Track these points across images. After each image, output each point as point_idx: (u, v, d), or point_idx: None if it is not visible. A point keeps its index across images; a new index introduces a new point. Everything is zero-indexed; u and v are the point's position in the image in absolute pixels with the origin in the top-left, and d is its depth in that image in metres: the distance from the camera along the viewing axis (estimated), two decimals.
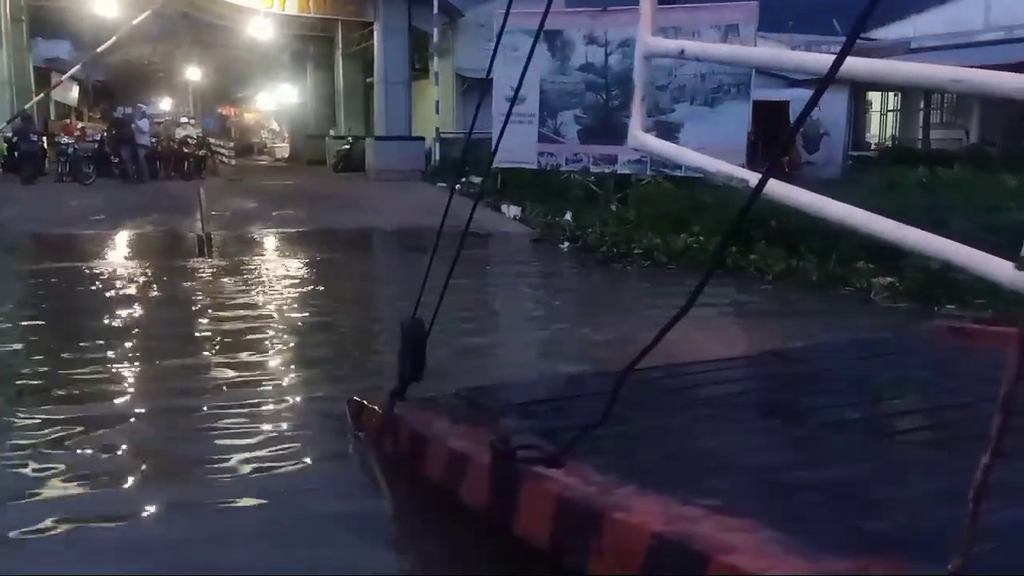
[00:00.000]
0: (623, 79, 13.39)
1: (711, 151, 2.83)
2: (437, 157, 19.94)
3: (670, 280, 9.35)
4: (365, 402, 4.12)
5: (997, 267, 1.46)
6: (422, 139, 20.35)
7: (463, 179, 15.93)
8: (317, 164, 25.92)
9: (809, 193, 1.90)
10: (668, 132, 12.54)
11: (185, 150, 20.90)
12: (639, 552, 2.38)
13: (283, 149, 32.93)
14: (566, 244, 11.84)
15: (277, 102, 35.16)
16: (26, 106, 18.15)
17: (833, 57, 1.70)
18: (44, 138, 18.97)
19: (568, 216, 12.99)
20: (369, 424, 3.99)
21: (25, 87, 20.39)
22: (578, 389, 4.22)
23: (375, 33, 21.16)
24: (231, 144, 29.32)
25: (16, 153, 17.90)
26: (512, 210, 14.63)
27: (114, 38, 11.99)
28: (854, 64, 1.70)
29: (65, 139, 18.98)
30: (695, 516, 2.45)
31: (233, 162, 26.72)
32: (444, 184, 17.58)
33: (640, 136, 2.42)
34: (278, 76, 32.95)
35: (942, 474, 2.75)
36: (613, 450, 3.09)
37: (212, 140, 25.94)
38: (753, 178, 1.96)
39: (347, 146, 23.20)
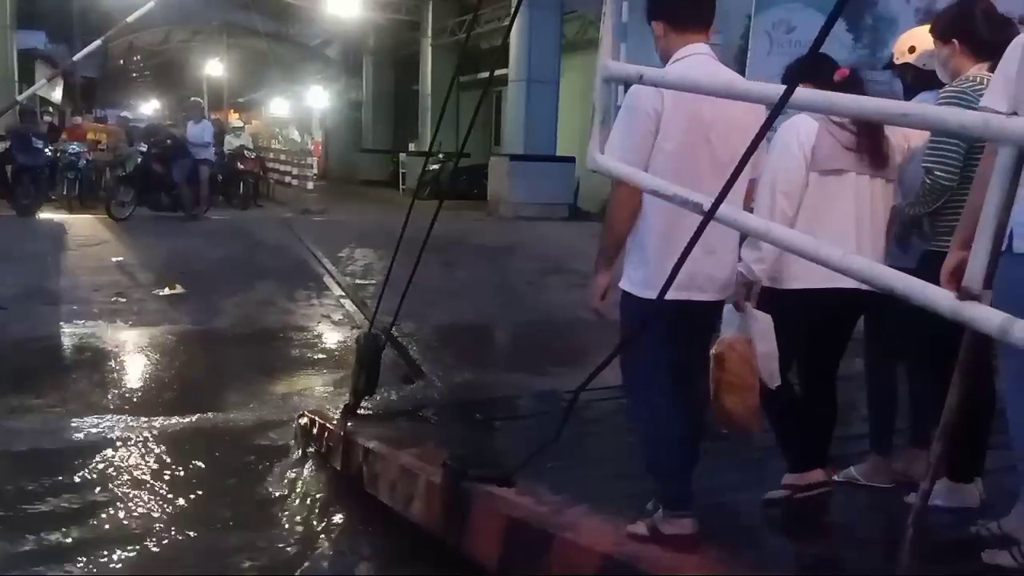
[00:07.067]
0: None
1: None
2: None
3: None
4: (317, 418, 4.08)
5: (937, 296, 1.49)
6: (572, 160, 14.89)
7: None
8: (376, 185, 21.16)
9: (756, 219, 1.93)
10: None
11: (241, 166, 14.61)
12: (587, 573, 2.39)
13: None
14: None
15: (300, 107, 29.15)
16: (20, 96, 12.32)
17: (783, 88, 1.73)
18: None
19: None
20: (321, 440, 3.94)
21: (8, 78, 15.63)
22: (530, 409, 4.23)
23: (520, 10, 14.16)
24: (308, 161, 20.71)
25: (9, 168, 11.30)
26: None
27: (147, 5, 9.62)
28: (805, 95, 1.73)
29: (73, 147, 12.79)
30: (643, 537, 2.47)
31: (310, 185, 19.15)
32: None
33: (599, 158, 2.44)
34: (309, 76, 27.40)
35: (884, 496, 2.80)
36: (565, 470, 3.10)
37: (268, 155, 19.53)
38: (707, 203, 1.98)
39: (436, 166, 17.52)
